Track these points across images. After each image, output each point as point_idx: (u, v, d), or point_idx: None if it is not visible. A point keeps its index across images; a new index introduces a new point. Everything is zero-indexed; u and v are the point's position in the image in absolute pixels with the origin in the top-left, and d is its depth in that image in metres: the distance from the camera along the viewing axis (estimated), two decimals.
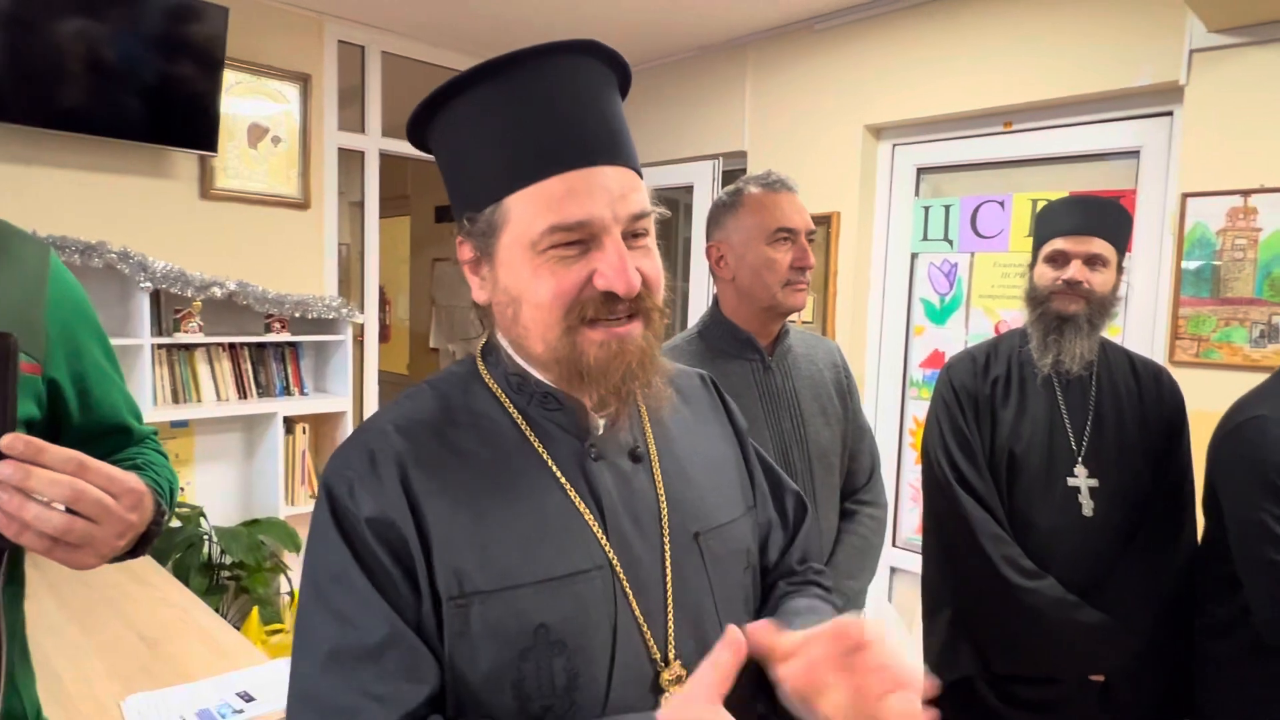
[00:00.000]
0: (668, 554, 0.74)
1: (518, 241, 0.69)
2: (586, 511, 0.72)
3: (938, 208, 2.98)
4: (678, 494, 0.78)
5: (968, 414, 1.54)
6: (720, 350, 1.42)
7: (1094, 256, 1.50)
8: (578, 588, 0.69)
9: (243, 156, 3.07)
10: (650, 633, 0.71)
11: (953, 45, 2.79)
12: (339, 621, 0.65)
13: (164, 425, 2.96)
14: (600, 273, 0.68)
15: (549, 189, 0.67)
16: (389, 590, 0.66)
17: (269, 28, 3.08)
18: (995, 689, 1.51)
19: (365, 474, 0.69)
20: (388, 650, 0.64)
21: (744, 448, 0.90)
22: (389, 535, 0.67)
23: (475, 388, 0.77)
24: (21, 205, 2.60)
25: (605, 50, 0.72)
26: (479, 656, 0.66)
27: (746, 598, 0.81)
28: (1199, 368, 2.30)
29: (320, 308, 3.15)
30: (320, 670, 0.65)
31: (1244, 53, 2.20)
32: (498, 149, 0.69)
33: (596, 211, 0.67)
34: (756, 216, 1.38)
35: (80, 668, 1.62)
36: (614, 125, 0.72)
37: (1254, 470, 1.29)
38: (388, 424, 0.73)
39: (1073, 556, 1.47)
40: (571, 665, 0.67)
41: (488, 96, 0.69)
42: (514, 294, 0.70)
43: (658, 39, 3.45)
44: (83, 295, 0.93)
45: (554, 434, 0.75)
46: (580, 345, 0.69)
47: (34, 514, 0.69)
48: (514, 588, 0.67)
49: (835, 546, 1.43)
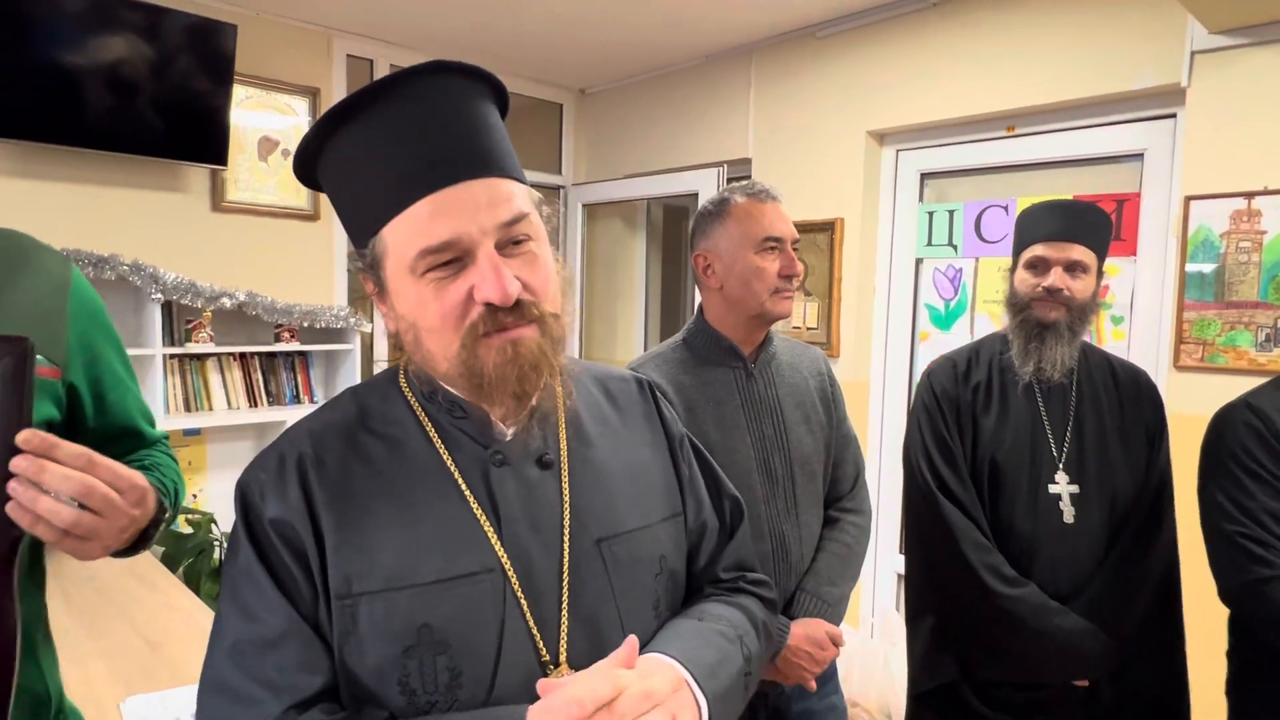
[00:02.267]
0: (566, 559, 0.76)
1: (399, 270, 0.71)
2: (483, 516, 0.74)
3: (942, 213, 2.96)
4: (585, 501, 0.79)
5: (949, 420, 1.53)
6: (704, 358, 1.43)
7: (1074, 263, 1.49)
8: (463, 590, 0.71)
9: (253, 170, 3.13)
10: (541, 635, 0.73)
11: (955, 51, 2.78)
12: (244, 615, 0.70)
13: (176, 433, 3.03)
14: (477, 286, 0.69)
15: (415, 214, 0.69)
16: (289, 587, 0.70)
17: (278, 43, 3.15)
18: (979, 693, 1.51)
19: (273, 477, 0.73)
20: (284, 643, 0.69)
21: (674, 454, 0.90)
22: (289, 535, 0.71)
23: (393, 395, 0.79)
24: (35, 219, 2.67)
25: (457, 66, 0.73)
26: (366, 653, 0.69)
27: (655, 603, 0.81)
28: (1204, 372, 2.27)
29: (329, 317, 3.20)
30: (225, 660, 0.70)
31: (1246, 54, 2.18)
32: (369, 184, 0.71)
33: (462, 228, 0.68)
34: (744, 226, 1.39)
35: (83, 669, 1.66)
36: (479, 136, 0.72)
37: (1215, 451, 1.37)
38: (304, 429, 0.77)
39: (1054, 563, 1.46)
40: (454, 664, 0.70)
41: (351, 135, 0.71)
42: (410, 320, 0.72)
43: (662, 48, 3.47)
44: (101, 306, 0.99)
45: (460, 441, 0.77)
46: (480, 355, 0.70)
47: (46, 507, 0.73)
48: (399, 589, 0.70)
49: (817, 554, 1.42)
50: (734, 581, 0.90)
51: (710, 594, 0.88)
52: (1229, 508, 1.31)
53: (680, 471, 0.89)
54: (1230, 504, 1.31)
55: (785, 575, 1.38)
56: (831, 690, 1.51)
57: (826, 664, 1.36)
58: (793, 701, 1.44)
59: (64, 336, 0.90)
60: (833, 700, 1.50)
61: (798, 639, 1.33)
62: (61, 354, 0.89)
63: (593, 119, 4.17)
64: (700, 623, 0.81)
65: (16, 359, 0.75)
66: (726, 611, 0.84)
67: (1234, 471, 1.32)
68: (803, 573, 1.40)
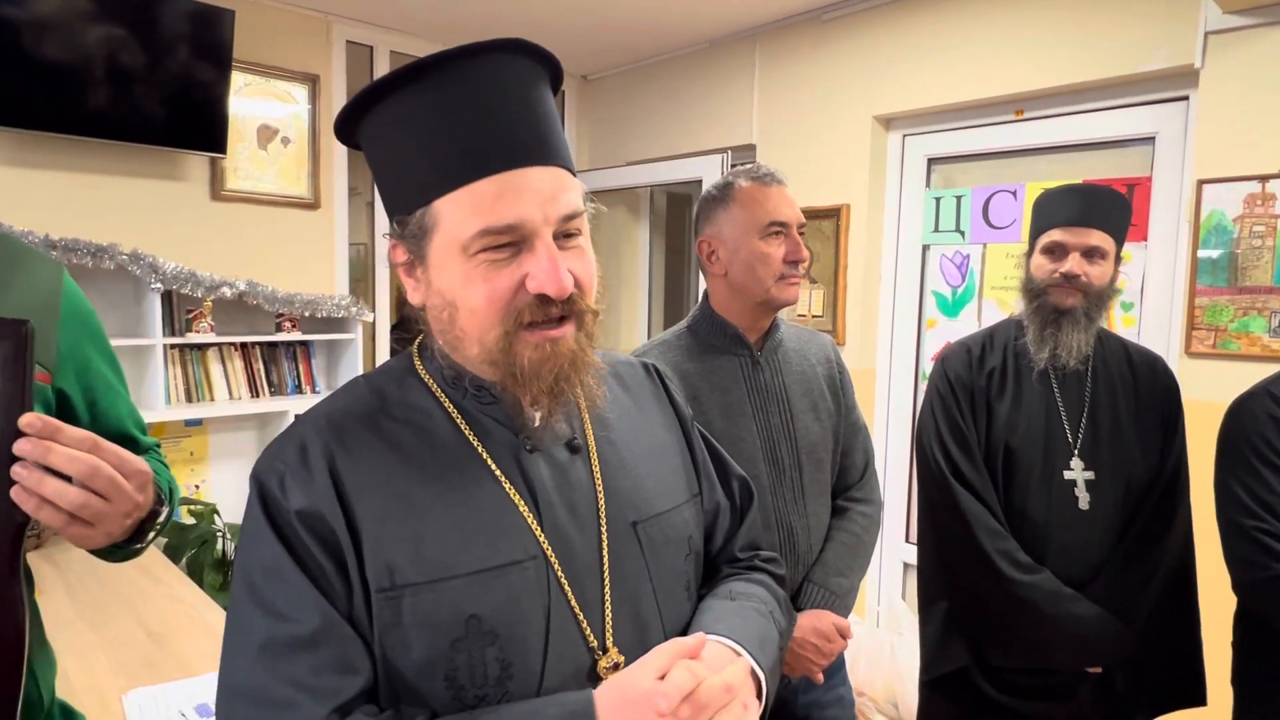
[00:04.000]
0: (605, 543, 0.75)
1: (449, 245, 0.69)
2: (521, 503, 0.72)
3: (949, 199, 2.93)
4: (615, 484, 0.78)
5: (963, 406, 1.52)
6: (709, 345, 1.40)
7: (1092, 249, 1.46)
8: (510, 578, 0.69)
9: (253, 158, 3.10)
10: (587, 621, 0.72)
11: (962, 33, 2.74)
12: (271, 615, 0.66)
13: (178, 424, 3.01)
14: (532, 275, 0.67)
15: (478, 192, 0.67)
16: (321, 582, 0.67)
17: (277, 29, 3.11)
18: (991, 679, 1.50)
19: (295, 467, 0.69)
20: (320, 642, 0.65)
21: (688, 435, 0.90)
22: (319, 528, 0.67)
23: (410, 381, 0.77)
24: (33, 208, 2.65)
25: (532, 47, 0.71)
26: (411, 647, 0.67)
27: (687, 584, 0.82)
28: (1216, 359, 2.24)
29: (330, 307, 3.18)
30: (253, 663, 0.65)
31: (1260, 34, 2.13)
32: (426, 152, 0.69)
33: (526, 213, 0.67)
34: (748, 210, 1.36)
35: (85, 661, 1.65)
36: (543, 124, 0.71)
37: (1233, 441, 1.35)
38: (320, 416, 0.74)
39: (1069, 549, 1.45)
40: (504, 655, 0.68)
41: (414, 99, 0.69)
42: (448, 298, 0.70)
43: (665, 33, 3.43)
44: (92, 313, 0.98)
45: (489, 427, 0.75)
46: (516, 349, 0.69)
47: (53, 489, 0.72)
48: (445, 579, 0.67)
49: (825, 544, 1.40)
50: (750, 560, 0.90)
51: (729, 573, 0.88)
52: (1247, 501, 1.29)
53: (695, 453, 0.89)
54: (1249, 497, 1.29)
55: (792, 566, 1.36)
56: (839, 681, 1.49)
57: (834, 656, 1.35)
58: (799, 693, 1.43)
59: (55, 342, 0.89)
60: (840, 691, 1.48)
61: (804, 631, 1.31)
62: (52, 359, 0.89)
63: (595, 105, 4.13)
64: (734, 602, 0.81)
65: (17, 342, 0.74)
66: (754, 589, 0.84)
67: (1253, 463, 1.30)
68: (810, 564, 1.38)
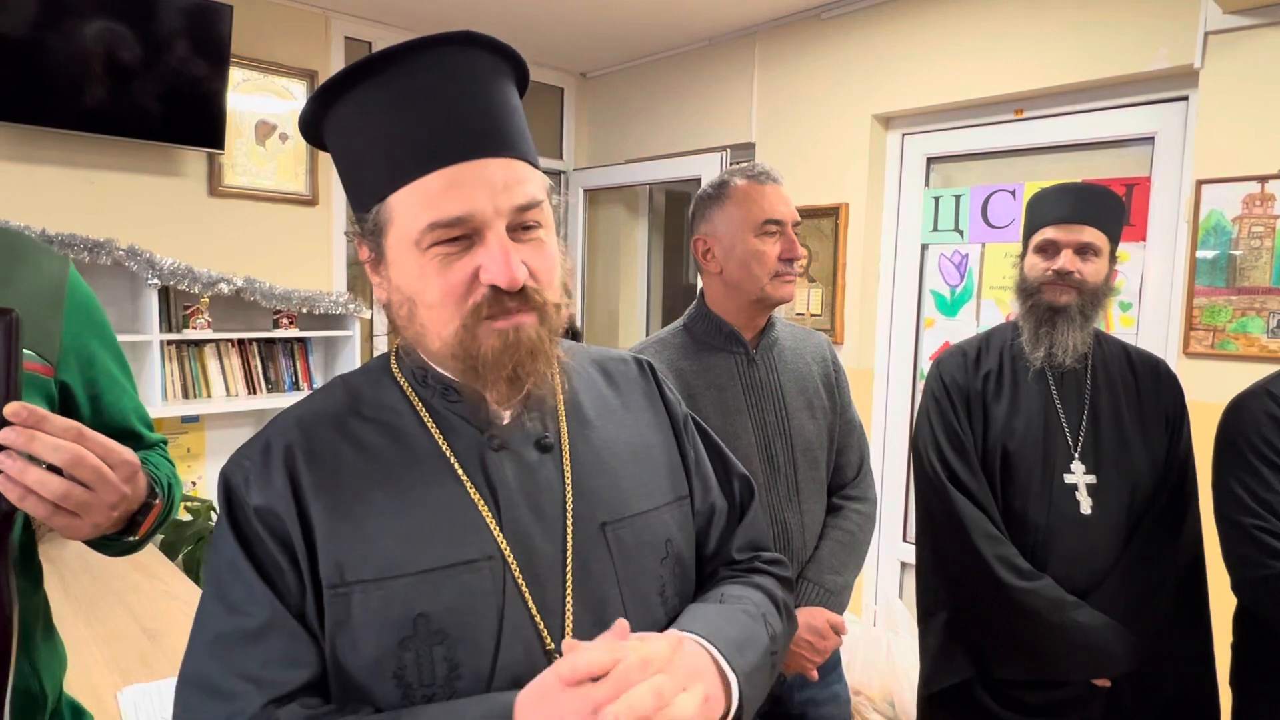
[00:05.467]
0: (570, 544, 0.74)
1: (402, 240, 0.68)
2: (481, 502, 0.72)
3: (948, 198, 2.93)
4: (588, 483, 0.77)
5: (959, 410, 1.50)
6: (705, 343, 1.40)
7: (1085, 246, 1.45)
8: (462, 578, 0.69)
9: (250, 154, 3.09)
10: (544, 623, 0.71)
11: (962, 31, 2.73)
12: (227, 607, 0.68)
13: (175, 420, 3.01)
14: (484, 267, 0.67)
15: (428, 185, 0.66)
16: (274, 578, 0.68)
17: (275, 25, 3.10)
18: (994, 694, 1.47)
19: (258, 466, 0.71)
20: (268, 636, 0.67)
21: (679, 435, 0.88)
22: (274, 525, 0.69)
23: (385, 381, 0.77)
24: (30, 204, 2.64)
25: (487, 40, 0.71)
26: (360, 645, 0.67)
27: (661, 588, 0.79)
28: (1214, 359, 2.24)
29: (328, 303, 3.17)
30: (205, 653, 0.68)
31: (1260, 34, 2.13)
32: (379, 147, 0.69)
33: (476, 206, 0.66)
34: (743, 209, 1.36)
35: (80, 658, 1.64)
36: (499, 116, 0.70)
37: (1231, 440, 1.35)
38: (291, 417, 0.75)
39: (1071, 556, 1.42)
40: (451, 655, 0.68)
41: (368, 94, 0.69)
42: (407, 293, 0.70)
43: (664, 31, 3.42)
44: (98, 307, 0.98)
45: (456, 425, 0.74)
46: (478, 337, 0.68)
47: (36, 479, 0.72)
48: (395, 577, 0.68)
49: (820, 541, 1.40)
50: (749, 562, 0.88)
51: (726, 576, 0.86)
52: (1246, 499, 1.29)
53: (685, 453, 0.87)
54: (1247, 495, 1.29)
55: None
56: (835, 679, 1.49)
57: (828, 653, 1.35)
58: (795, 691, 1.43)
59: (58, 335, 0.89)
60: (836, 689, 1.48)
61: (798, 628, 1.31)
62: (55, 352, 0.88)
63: (594, 103, 4.12)
64: (722, 605, 0.79)
65: (3, 331, 0.74)
66: (746, 592, 0.82)
67: (1252, 462, 1.30)
68: (805, 561, 1.38)
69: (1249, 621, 1.40)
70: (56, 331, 0.89)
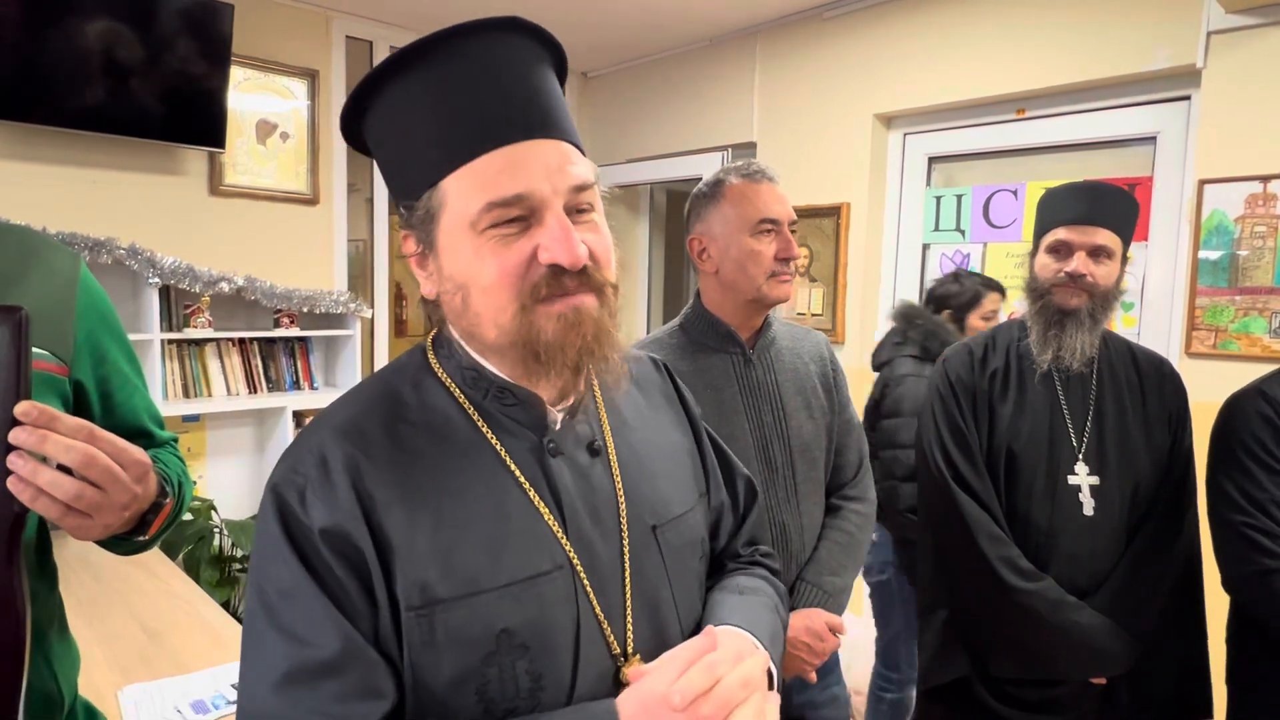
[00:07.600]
0: (626, 549, 0.73)
1: (457, 224, 0.66)
2: (546, 510, 0.70)
3: (949, 197, 2.92)
4: (634, 487, 0.76)
5: (964, 409, 1.48)
6: (701, 343, 1.39)
7: (1098, 248, 1.43)
8: (540, 590, 0.67)
9: (251, 153, 3.09)
10: (610, 628, 0.70)
11: (964, 31, 2.73)
12: (292, 640, 0.63)
13: (175, 419, 3.00)
14: (544, 246, 0.65)
15: (483, 166, 0.65)
16: (344, 604, 0.63)
17: (276, 24, 3.10)
18: (991, 689, 1.47)
19: (317, 480, 0.65)
20: (343, 667, 0.62)
21: (697, 434, 0.88)
22: (343, 547, 0.64)
23: (427, 381, 0.73)
24: (31, 202, 2.64)
25: (530, 26, 0.70)
26: (443, 664, 0.64)
27: (701, 586, 0.81)
28: (1217, 359, 2.23)
29: (329, 302, 3.17)
30: (273, 691, 0.62)
31: (1263, 34, 2.13)
32: (429, 133, 0.67)
33: (534, 184, 0.65)
34: (739, 208, 1.35)
35: (82, 657, 1.64)
36: (547, 99, 0.69)
37: (1225, 440, 1.36)
38: (337, 424, 0.69)
39: (1073, 557, 1.42)
40: (535, 668, 0.66)
41: (414, 83, 0.67)
42: (460, 280, 0.67)
43: (665, 31, 3.42)
44: (109, 304, 0.97)
45: (511, 429, 0.71)
46: (536, 323, 0.65)
47: (48, 479, 0.71)
48: (476, 594, 0.65)
49: (819, 542, 1.39)
50: (750, 555, 0.90)
51: (732, 569, 0.87)
52: (1237, 498, 1.30)
53: (704, 452, 0.88)
54: (1239, 494, 1.30)
55: (786, 565, 1.35)
56: (834, 681, 1.48)
57: (827, 655, 1.34)
58: (794, 693, 1.42)
59: (72, 334, 0.89)
60: (835, 691, 1.48)
61: (796, 630, 1.30)
62: (69, 351, 0.88)
63: (595, 102, 4.12)
64: (743, 596, 0.80)
65: (12, 329, 0.73)
66: (760, 584, 0.84)
67: (1244, 461, 1.31)
68: (804, 562, 1.38)
69: (1242, 618, 1.41)
70: (69, 330, 0.88)
